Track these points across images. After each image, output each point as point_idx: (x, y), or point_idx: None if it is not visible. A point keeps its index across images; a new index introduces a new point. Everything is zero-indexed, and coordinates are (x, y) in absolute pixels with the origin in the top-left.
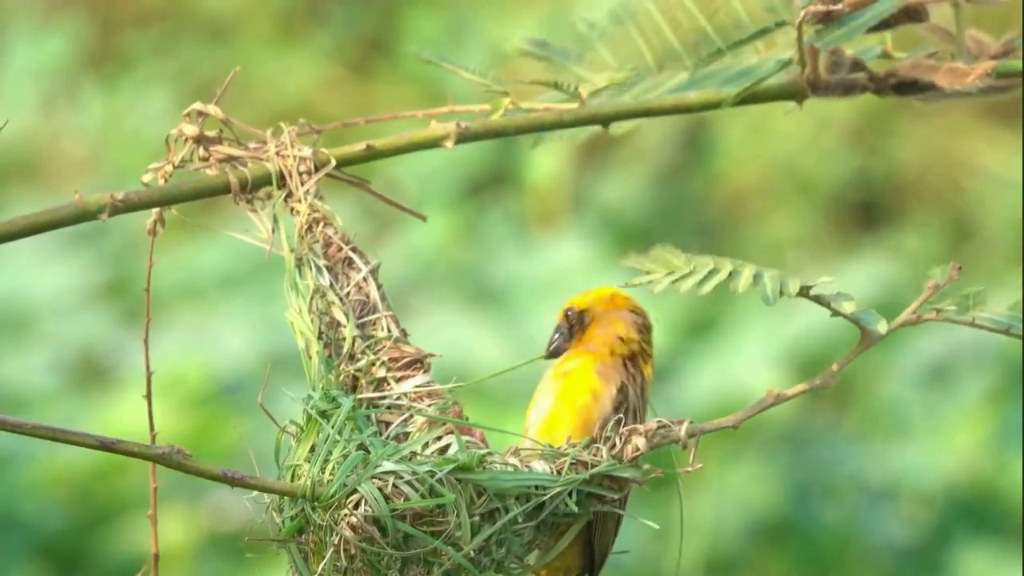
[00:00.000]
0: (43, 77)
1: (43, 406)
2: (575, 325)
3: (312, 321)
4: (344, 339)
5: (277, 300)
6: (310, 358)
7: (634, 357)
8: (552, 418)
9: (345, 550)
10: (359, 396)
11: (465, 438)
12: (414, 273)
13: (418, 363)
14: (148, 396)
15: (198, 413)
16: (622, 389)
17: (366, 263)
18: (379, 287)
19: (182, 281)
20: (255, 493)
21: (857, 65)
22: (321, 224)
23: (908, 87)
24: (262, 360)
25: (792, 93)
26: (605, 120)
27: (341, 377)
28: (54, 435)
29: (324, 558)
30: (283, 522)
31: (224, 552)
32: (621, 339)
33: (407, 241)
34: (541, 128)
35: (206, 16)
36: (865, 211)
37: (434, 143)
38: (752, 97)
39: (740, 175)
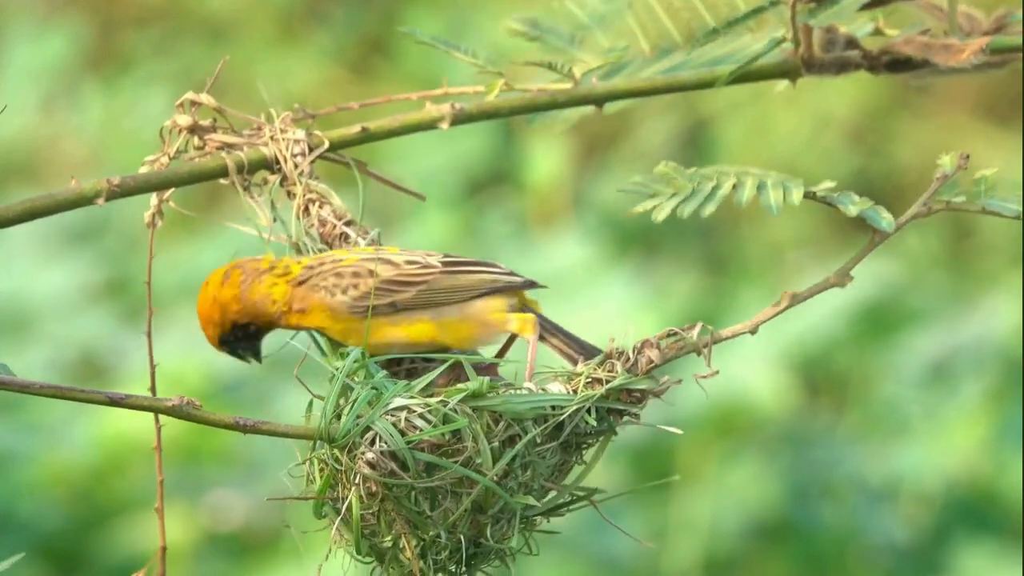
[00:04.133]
0: (43, 77)
1: (43, 405)
2: (249, 336)
3: None
4: None
5: None
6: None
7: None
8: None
9: (368, 489)
10: None
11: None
12: None
13: None
14: (152, 390)
15: None
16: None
17: (363, 235)
18: None
19: (182, 280)
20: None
21: (851, 43)
22: (317, 204)
23: (902, 64)
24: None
25: (786, 72)
26: (599, 100)
27: None
28: (62, 393)
29: (352, 504)
30: (314, 485)
31: (224, 552)
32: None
33: (407, 241)
34: (535, 109)
35: (206, 16)
36: None
37: (429, 125)
38: (746, 76)
39: None
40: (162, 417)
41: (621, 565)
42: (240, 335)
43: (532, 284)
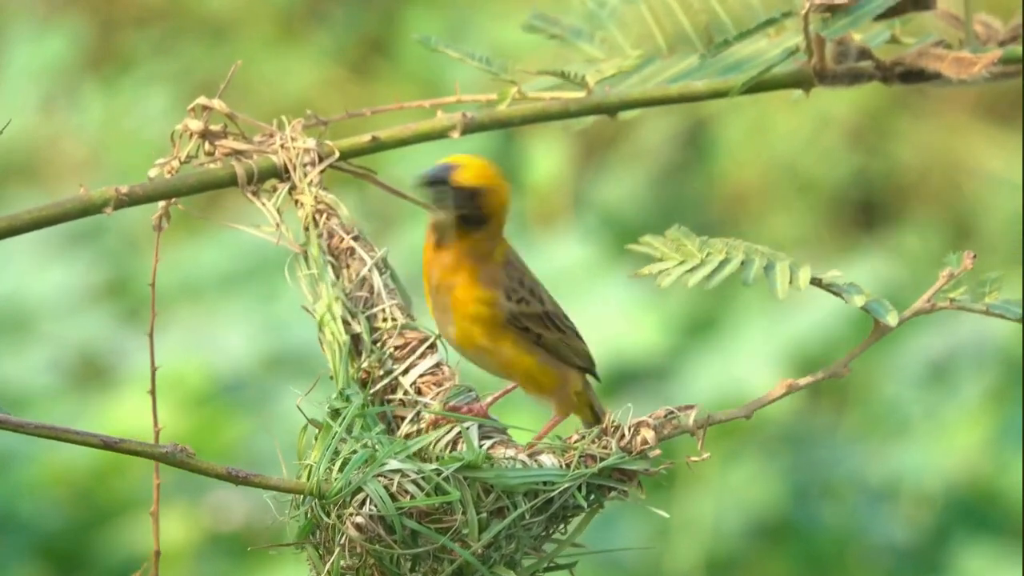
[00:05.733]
0: (43, 77)
1: (43, 406)
2: (467, 212)
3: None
4: (356, 335)
5: (277, 300)
6: (335, 353)
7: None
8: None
9: (352, 548)
10: (371, 391)
11: (474, 423)
12: (415, 273)
13: (424, 345)
14: (152, 393)
15: (198, 413)
16: (508, 294)
17: (371, 253)
18: (385, 274)
19: (183, 281)
20: (270, 492)
21: (864, 54)
22: (325, 215)
23: (915, 76)
24: (262, 360)
25: (799, 81)
26: (611, 109)
27: (358, 374)
28: (57, 435)
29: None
30: (298, 521)
31: (225, 552)
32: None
33: (409, 240)
34: (547, 118)
35: (206, 16)
36: (865, 211)
37: (440, 134)
38: (759, 86)
39: (740, 175)
40: (163, 412)
41: (623, 565)
42: (467, 208)
43: (596, 377)
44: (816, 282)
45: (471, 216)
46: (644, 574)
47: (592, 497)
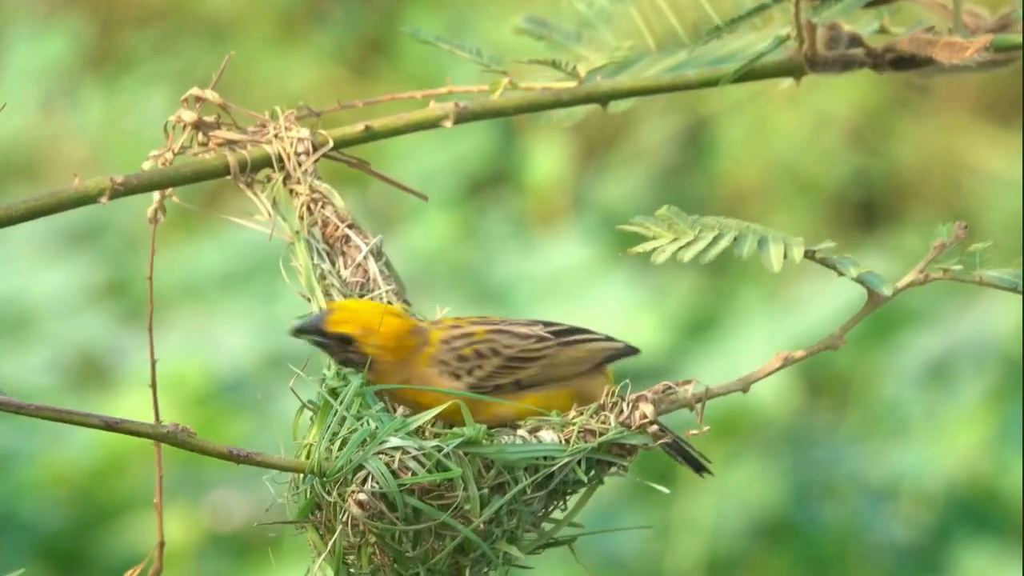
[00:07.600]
0: (43, 77)
1: None
2: (344, 358)
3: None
4: None
5: (277, 300)
6: None
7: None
8: None
9: (354, 526)
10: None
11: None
12: (415, 273)
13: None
14: (153, 385)
15: (198, 413)
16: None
17: (365, 240)
18: (380, 261)
19: (182, 281)
20: (270, 475)
21: (855, 41)
22: (320, 204)
23: (906, 62)
24: (262, 360)
25: (790, 69)
26: (603, 99)
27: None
28: (58, 416)
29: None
30: (298, 501)
31: (225, 552)
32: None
33: (408, 241)
34: (539, 107)
35: (206, 16)
36: (865, 211)
37: (433, 123)
38: (750, 74)
39: (740, 175)
40: (163, 412)
41: (624, 565)
42: (342, 354)
43: (633, 350)
44: (810, 255)
45: (350, 360)
46: (644, 574)
47: (592, 472)
